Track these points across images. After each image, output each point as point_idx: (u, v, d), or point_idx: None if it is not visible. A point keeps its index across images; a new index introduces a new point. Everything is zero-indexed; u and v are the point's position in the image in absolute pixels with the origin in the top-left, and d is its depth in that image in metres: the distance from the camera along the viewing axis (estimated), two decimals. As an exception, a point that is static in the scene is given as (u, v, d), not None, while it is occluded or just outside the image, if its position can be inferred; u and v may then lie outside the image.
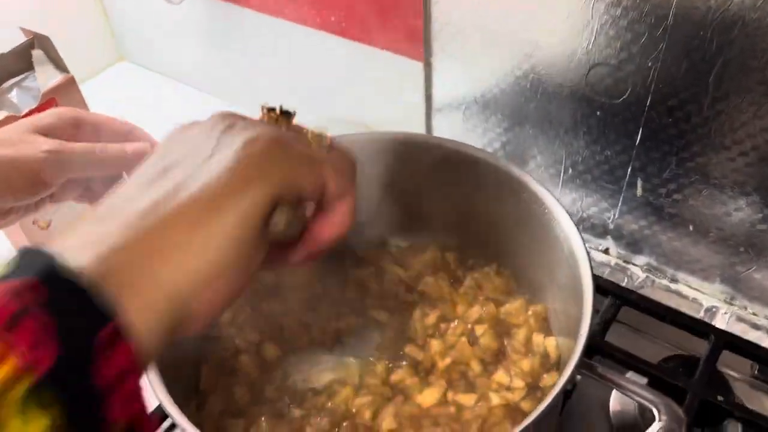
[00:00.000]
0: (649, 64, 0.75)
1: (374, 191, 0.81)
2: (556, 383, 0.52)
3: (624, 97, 0.79)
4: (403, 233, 0.85)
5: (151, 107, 1.38)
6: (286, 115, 0.50)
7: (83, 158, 0.63)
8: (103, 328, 0.30)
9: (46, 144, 0.61)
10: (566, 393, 0.72)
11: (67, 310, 0.30)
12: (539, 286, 0.74)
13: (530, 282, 0.75)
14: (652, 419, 0.72)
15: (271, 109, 0.49)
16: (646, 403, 0.52)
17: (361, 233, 0.80)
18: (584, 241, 0.62)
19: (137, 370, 0.32)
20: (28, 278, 0.30)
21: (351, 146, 0.52)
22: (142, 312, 0.33)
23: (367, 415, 0.64)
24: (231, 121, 0.43)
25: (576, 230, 0.63)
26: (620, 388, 0.54)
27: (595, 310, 0.80)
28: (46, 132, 0.63)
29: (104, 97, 1.02)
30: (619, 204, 0.90)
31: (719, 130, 0.75)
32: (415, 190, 0.81)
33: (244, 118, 0.44)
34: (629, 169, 0.85)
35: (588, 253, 0.60)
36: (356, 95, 1.08)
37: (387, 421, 0.62)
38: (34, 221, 0.94)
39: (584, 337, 0.54)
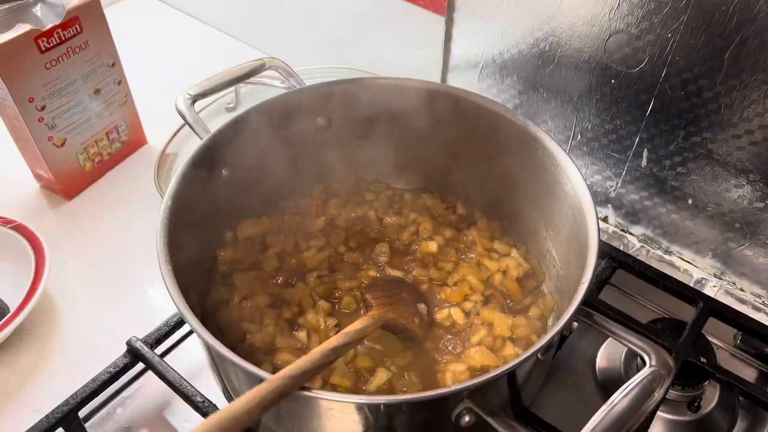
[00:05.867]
0: (669, 35, 0.76)
1: (384, 135, 0.84)
2: (556, 324, 0.55)
3: (640, 66, 0.81)
4: (409, 178, 0.90)
5: (165, 41, 1.38)
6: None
7: None
8: None
9: None
10: (558, 344, 0.75)
11: None
12: (535, 234, 0.79)
13: (527, 230, 0.80)
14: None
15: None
16: (638, 350, 0.55)
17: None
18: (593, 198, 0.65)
19: None
20: None
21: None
22: None
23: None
24: None
25: (586, 187, 0.65)
26: (614, 335, 0.57)
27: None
28: None
29: (121, 26, 1.02)
30: (623, 173, 0.92)
31: (729, 107, 0.77)
32: (426, 139, 0.84)
33: None
34: (636, 140, 0.88)
35: (596, 209, 0.63)
36: (375, 46, 1.09)
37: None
38: (50, 138, 0.95)
39: (586, 284, 0.57)
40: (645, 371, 0.53)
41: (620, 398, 0.51)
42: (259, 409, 0.49)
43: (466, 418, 0.53)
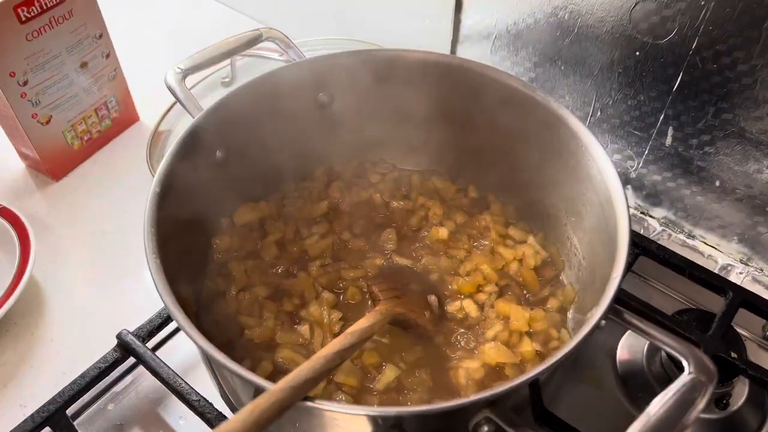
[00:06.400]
0: (702, 2, 0.70)
1: (390, 112, 0.79)
2: (585, 325, 0.50)
3: (669, 37, 0.75)
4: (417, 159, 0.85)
5: (157, 11, 1.32)
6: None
7: None
8: None
9: None
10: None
11: None
12: (555, 220, 0.74)
13: (545, 215, 0.75)
14: (661, 371, 0.72)
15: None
16: (675, 353, 0.50)
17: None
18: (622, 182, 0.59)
19: None
20: None
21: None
22: None
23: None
24: None
25: (615, 172, 0.60)
26: (648, 336, 0.52)
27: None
28: None
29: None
30: (645, 152, 0.86)
31: (765, 82, 0.71)
32: (435, 116, 0.79)
33: None
34: (661, 117, 0.82)
35: (625, 196, 0.58)
36: (380, 16, 1.03)
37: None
38: (34, 115, 0.89)
39: (617, 280, 0.52)
40: (683, 378, 0.48)
41: (657, 409, 0.46)
42: (257, 428, 0.44)
43: (485, 428, 0.49)
